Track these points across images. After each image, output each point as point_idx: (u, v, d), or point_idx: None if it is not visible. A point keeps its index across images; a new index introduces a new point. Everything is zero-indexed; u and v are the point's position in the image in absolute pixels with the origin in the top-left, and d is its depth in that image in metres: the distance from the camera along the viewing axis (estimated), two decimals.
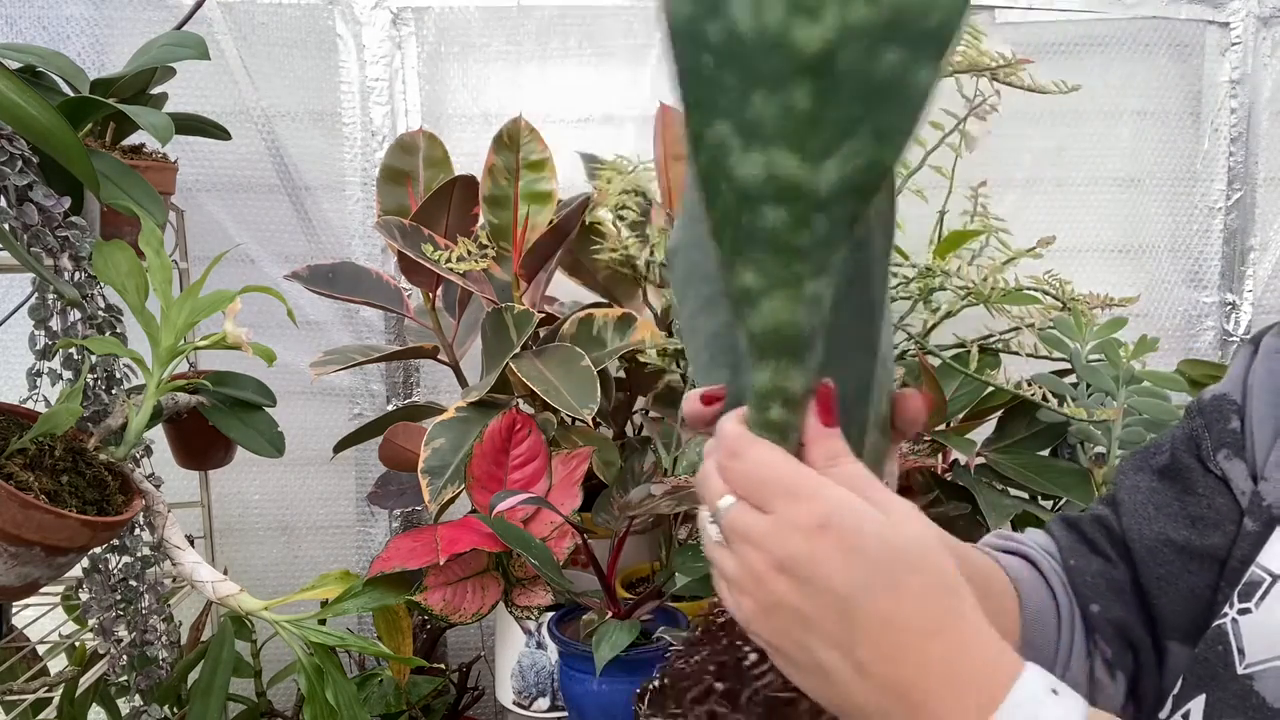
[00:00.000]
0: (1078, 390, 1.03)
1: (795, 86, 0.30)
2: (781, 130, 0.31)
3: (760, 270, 0.35)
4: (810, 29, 0.29)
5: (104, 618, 0.86)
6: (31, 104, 0.78)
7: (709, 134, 0.32)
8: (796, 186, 0.32)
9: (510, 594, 1.00)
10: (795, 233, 0.33)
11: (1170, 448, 0.59)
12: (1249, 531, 0.52)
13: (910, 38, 0.30)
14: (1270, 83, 1.44)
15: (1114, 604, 0.57)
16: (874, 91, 0.31)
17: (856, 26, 0.30)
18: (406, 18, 1.36)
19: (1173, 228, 1.48)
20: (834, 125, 0.31)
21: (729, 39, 0.30)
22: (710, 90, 0.31)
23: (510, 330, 1.06)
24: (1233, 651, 0.49)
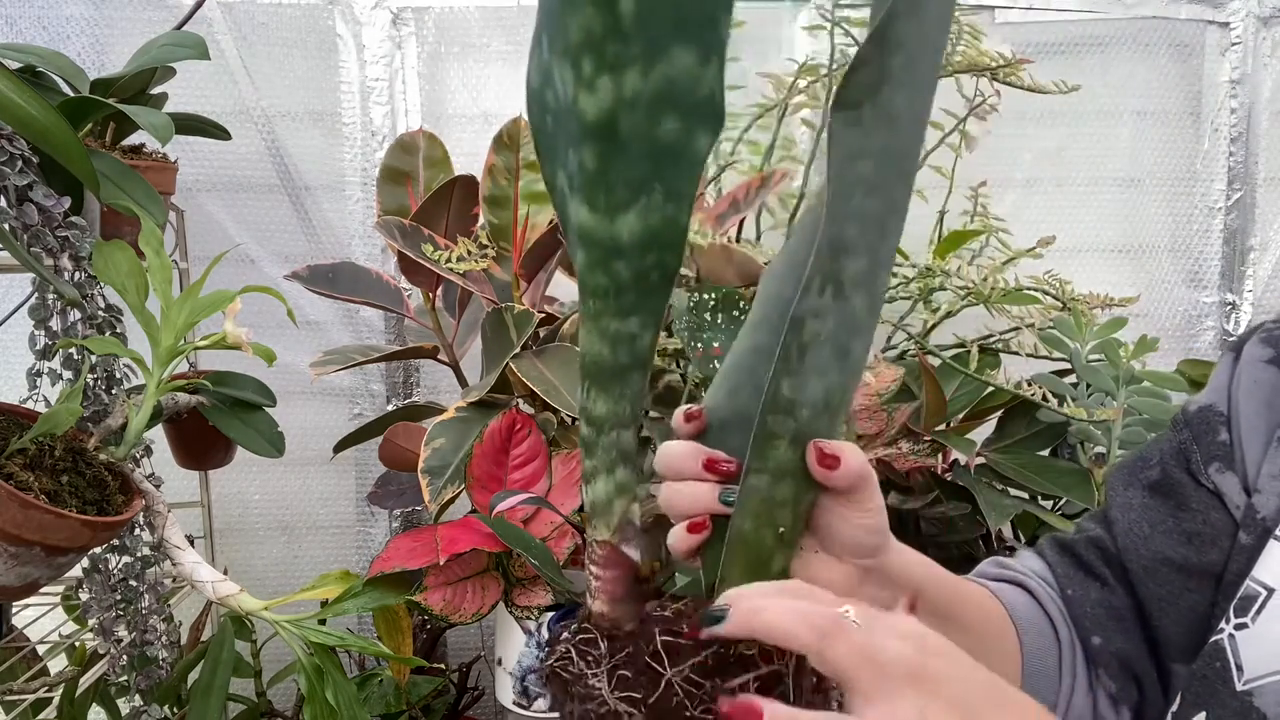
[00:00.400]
0: (1078, 390, 1.04)
1: (585, 147, 0.34)
2: (580, 184, 0.35)
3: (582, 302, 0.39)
4: (588, 98, 0.33)
5: (104, 618, 0.86)
6: (31, 104, 0.78)
7: (555, 180, 0.37)
8: (591, 233, 0.36)
9: (510, 594, 1.00)
10: (593, 273, 0.37)
11: (1159, 462, 0.58)
12: (1244, 545, 0.52)
13: (685, 107, 0.34)
14: (1270, 83, 1.44)
15: (1115, 635, 0.56)
16: (659, 154, 0.34)
17: (630, 97, 0.33)
18: (406, 18, 1.36)
19: (1173, 228, 1.48)
20: (624, 183, 0.35)
21: (556, 104, 0.35)
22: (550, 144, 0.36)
23: (510, 330, 1.06)
24: (1231, 668, 0.49)
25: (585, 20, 0.32)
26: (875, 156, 0.38)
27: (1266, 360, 0.55)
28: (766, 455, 0.41)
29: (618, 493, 0.42)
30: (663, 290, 0.38)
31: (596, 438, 0.41)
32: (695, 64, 0.33)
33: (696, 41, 0.33)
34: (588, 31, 0.32)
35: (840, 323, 0.40)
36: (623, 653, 0.40)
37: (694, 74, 0.33)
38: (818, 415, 0.41)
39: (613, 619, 0.42)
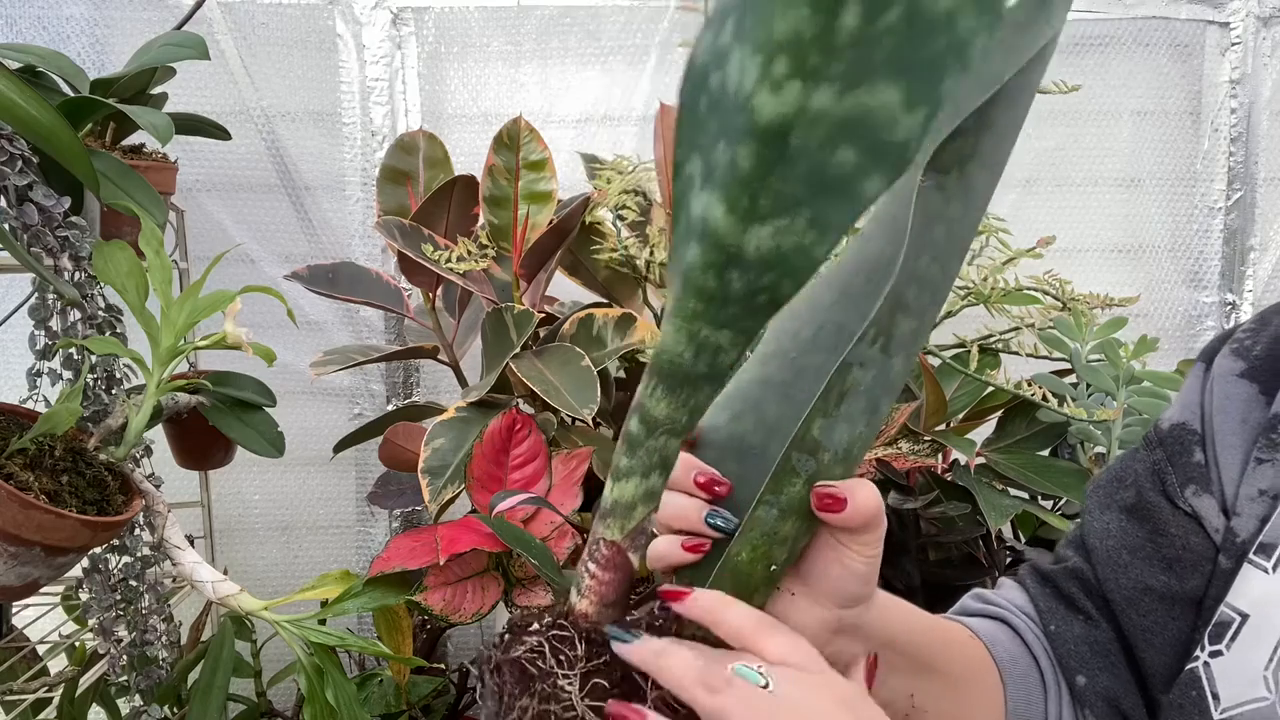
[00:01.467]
0: (1078, 390, 1.03)
1: (745, 146, 0.32)
2: (722, 180, 0.33)
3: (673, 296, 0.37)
4: (769, 99, 0.31)
5: (104, 618, 0.86)
6: (31, 104, 0.78)
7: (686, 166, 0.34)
8: (718, 234, 0.34)
9: (510, 594, 1.00)
10: (704, 274, 0.35)
11: (1135, 483, 0.56)
12: (1223, 569, 0.50)
13: (869, 143, 0.31)
14: (1270, 83, 1.44)
15: (1100, 673, 0.54)
16: (822, 181, 0.32)
17: (814, 112, 0.31)
18: (406, 18, 1.36)
19: (1173, 228, 1.48)
20: (772, 196, 0.33)
21: (720, 89, 0.32)
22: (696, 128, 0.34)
23: (510, 330, 1.06)
24: (1207, 697, 0.48)
25: (797, 21, 0.30)
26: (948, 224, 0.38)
27: (1238, 374, 0.53)
28: (781, 490, 0.40)
29: (645, 498, 0.41)
30: (765, 314, 0.36)
31: (645, 438, 0.39)
32: (899, 105, 0.30)
33: (909, 83, 0.30)
34: (796, 33, 0.30)
35: (878, 377, 0.40)
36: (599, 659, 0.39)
37: (893, 115, 0.30)
38: (836, 462, 0.41)
39: (594, 622, 0.41)
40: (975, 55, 0.29)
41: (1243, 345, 0.54)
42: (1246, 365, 0.53)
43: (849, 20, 0.29)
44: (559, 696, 0.38)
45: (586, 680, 0.38)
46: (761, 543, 0.41)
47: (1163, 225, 1.48)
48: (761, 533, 0.41)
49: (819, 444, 0.40)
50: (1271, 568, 0.47)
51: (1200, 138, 1.45)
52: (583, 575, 0.42)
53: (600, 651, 0.39)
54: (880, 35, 0.30)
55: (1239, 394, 0.52)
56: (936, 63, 0.30)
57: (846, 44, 0.30)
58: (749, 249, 0.34)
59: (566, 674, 0.38)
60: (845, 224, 0.33)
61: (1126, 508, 0.56)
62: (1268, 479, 0.50)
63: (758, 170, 0.32)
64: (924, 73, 0.30)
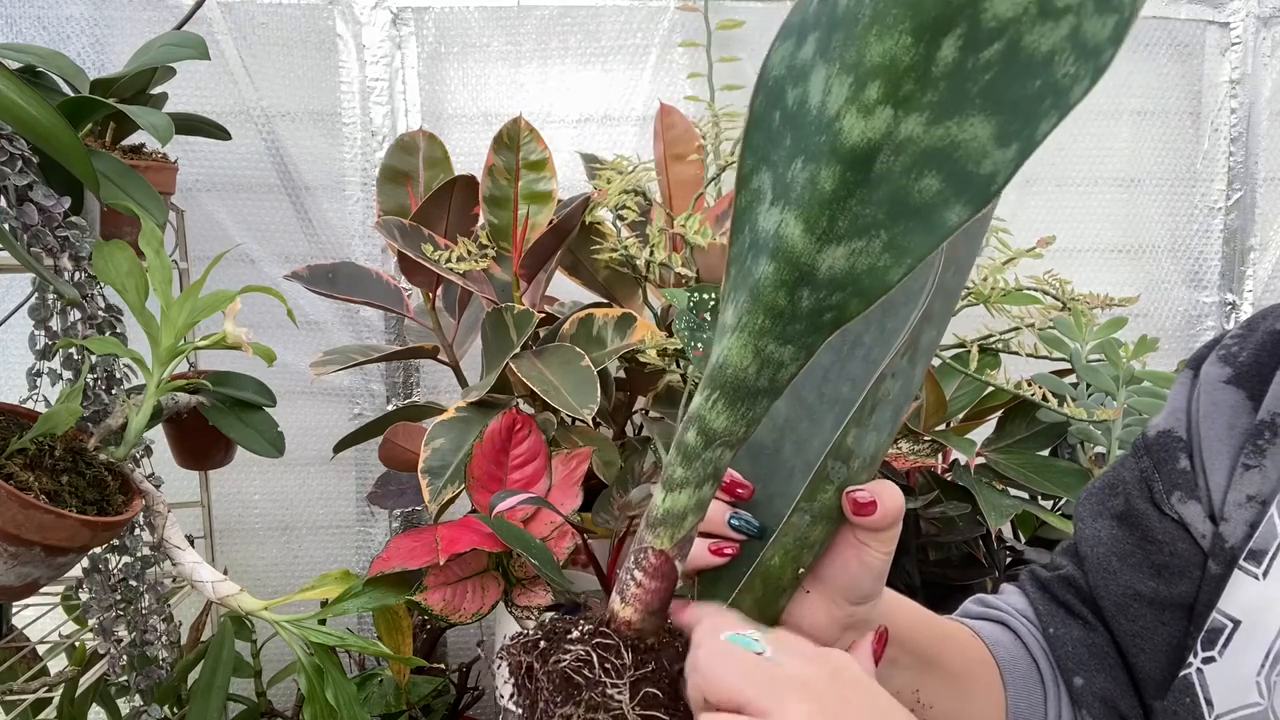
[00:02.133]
0: (1078, 390, 1.03)
1: (826, 167, 0.32)
2: (800, 199, 0.33)
3: (737, 310, 0.36)
4: (859, 122, 0.31)
5: (104, 618, 0.86)
6: (31, 104, 0.78)
7: (753, 179, 0.34)
8: (793, 252, 0.34)
9: (510, 594, 1.00)
10: (775, 291, 0.35)
11: (1124, 491, 0.56)
12: (1212, 575, 0.50)
13: (955, 174, 0.31)
14: (1270, 83, 1.44)
15: (1098, 674, 0.55)
16: (902, 207, 0.32)
17: (902, 139, 0.31)
18: (406, 18, 1.36)
19: (1173, 228, 1.48)
20: (851, 217, 0.33)
21: (798, 106, 0.32)
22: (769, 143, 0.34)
23: (510, 330, 1.06)
24: (1201, 703, 0.48)
25: (895, 48, 0.30)
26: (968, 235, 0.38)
27: (1225, 380, 0.53)
28: (815, 497, 0.41)
29: (695, 508, 0.41)
30: (828, 331, 0.36)
31: (702, 450, 0.39)
32: (990, 140, 0.30)
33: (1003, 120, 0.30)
34: (893, 59, 0.30)
35: (903, 387, 0.41)
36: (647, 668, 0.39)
37: (983, 149, 0.30)
38: (864, 468, 0.42)
39: (639, 630, 0.41)
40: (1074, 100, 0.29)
41: (1230, 352, 0.54)
42: (1233, 372, 0.53)
43: (947, 51, 0.30)
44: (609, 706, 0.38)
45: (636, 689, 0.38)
46: (793, 547, 0.42)
47: (1163, 225, 1.48)
48: (794, 538, 0.42)
49: (852, 452, 0.41)
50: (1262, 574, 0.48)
51: (1200, 138, 1.45)
52: (628, 584, 0.41)
53: (646, 660, 0.39)
54: (977, 69, 0.30)
55: (1226, 400, 0.53)
56: (1033, 102, 0.29)
57: (942, 75, 0.30)
58: (822, 268, 0.34)
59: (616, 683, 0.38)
60: (923, 251, 0.32)
61: (1116, 515, 0.56)
62: (1255, 485, 0.50)
63: (839, 192, 0.32)
64: (1019, 111, 0.30)
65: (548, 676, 0.39)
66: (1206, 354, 0.55)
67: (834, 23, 0.31)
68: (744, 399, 0.38)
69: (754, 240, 0.35)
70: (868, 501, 0.41)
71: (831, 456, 0.41)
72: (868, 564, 0.43)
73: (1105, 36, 0.28)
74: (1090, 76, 0.29)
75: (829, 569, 0.43)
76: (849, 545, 0.43)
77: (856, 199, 0.32)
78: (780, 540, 0.41)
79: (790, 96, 0.33)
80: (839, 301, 0.35)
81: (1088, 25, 0.28)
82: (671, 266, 1.11)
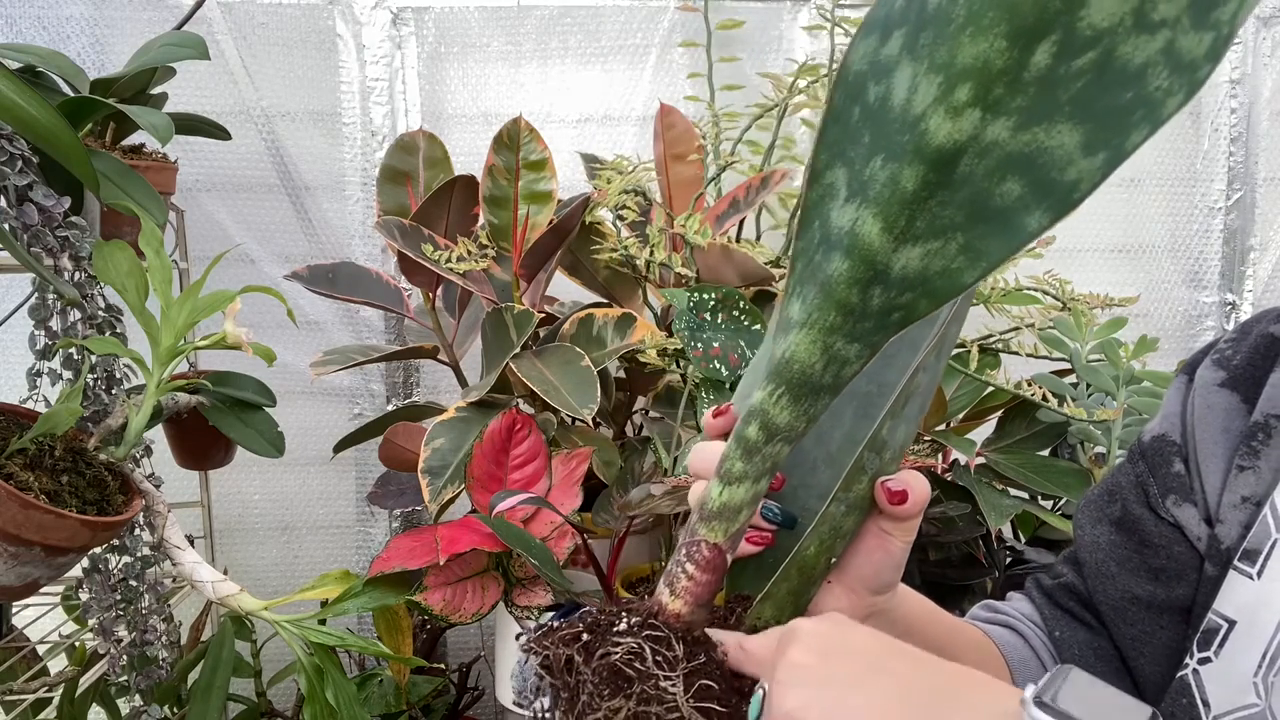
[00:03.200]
0: (1078, 390, 1.03)
1: (909, 166, 0.32)
2: (879, 197, 0.33)
3: (805, 305, 0.36)
4: (945, 123, 0.31)
5: (104, 618, 0.86)
6: (31, 104, 0.78)
7: (827, 175, 0.34)
8: (869, 250, 0.34)
9: (510, 594, 1.00)
10: (848, 288, 0.35)
11: (1121, 497, 0.56)
12: (1209, 576, 0.51)
13: (1038, 180, 0.31)
14: (1270, 83, 1.44)
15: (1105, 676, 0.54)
16: (982, 210, 0.32)
17: (987, 142, 0.31)
18: (406, 18, 1.36)
19: (1173, 228, 1.48)
20: (930, 218, 0.33)
21: (880, 103, 0.32)
22: (845, 139, 0.33)
23: (510, 330, 1.06)
24: (1197, 704, 0.48)
25: (989, 51, 0.30)
26: None
27: (1219, 384, 0.53)
28: (851, 487, 0.42)
29: (750, 502, 0.41)
30: (894, 330, 0.36)
31: (763, 445, 0.39)
32: (1077, 148, 0.30)
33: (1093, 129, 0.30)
34: (985, 61, 0.30)
35: (929, 381, 0.42)
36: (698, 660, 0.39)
37: (1069, 156, 0.30)
38: (894, 458, 0.43)
39: (688, 623, 0.41)
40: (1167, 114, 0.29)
41: (1223, 356, 0.54)
42: (1227, 375, 0.53)
43: (1040, 57, 0.29)
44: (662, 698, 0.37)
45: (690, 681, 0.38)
46: (828, 537, 0.42)
47: (1163, 225, 1.48)
48: (830, 527, 0.42)
49: (885, 443, 0.42)
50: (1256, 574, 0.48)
51: (1200, 138, 1.45)
52: (679, 576, 0.41)
53: (697, 652, 0.39)
54: (1069, 77, 0.30)
55: (1220, 403, 0.53)
56: (1124, 113, 0.29)
57: (1033, 80, 0.30)
58: (895, 268, 0.34)
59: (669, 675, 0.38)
60: (1001, 256, 0.32)
61: (1114, 521, 0.57)
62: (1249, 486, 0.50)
63: (920, 192, 0.32)
64: (1110, 121, 0.30)
65: (594, 670, 0.39)
66: (1201, 359, 0.56)
67: (923, 21, 0.31)
68: (808, 395, 0.38)
69: (825, 236, 0.35)
70: (900, 490, 0.42)
71: (868, 448, 0.41)
72: (891, 554, 0.44)
73: (1201, 53, 0.28)
74: (1185, 91, 0.29)
75: (853, 559, 0.44)
76: (873, 535, 0.44)
77: (937, 200, 0.32)
78: (817, 530, 0.42)
79: (872, 93, 0.32)
80: (909, 301, 0.35)
81: (1183, 41, 0.28)
82: (671, 266, 1.11)
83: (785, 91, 1.22)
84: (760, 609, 0.42)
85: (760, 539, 0.44)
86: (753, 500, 0.41)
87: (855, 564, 0.44)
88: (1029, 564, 1.10)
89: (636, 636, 0.39)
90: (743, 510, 0.41)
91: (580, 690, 0.39)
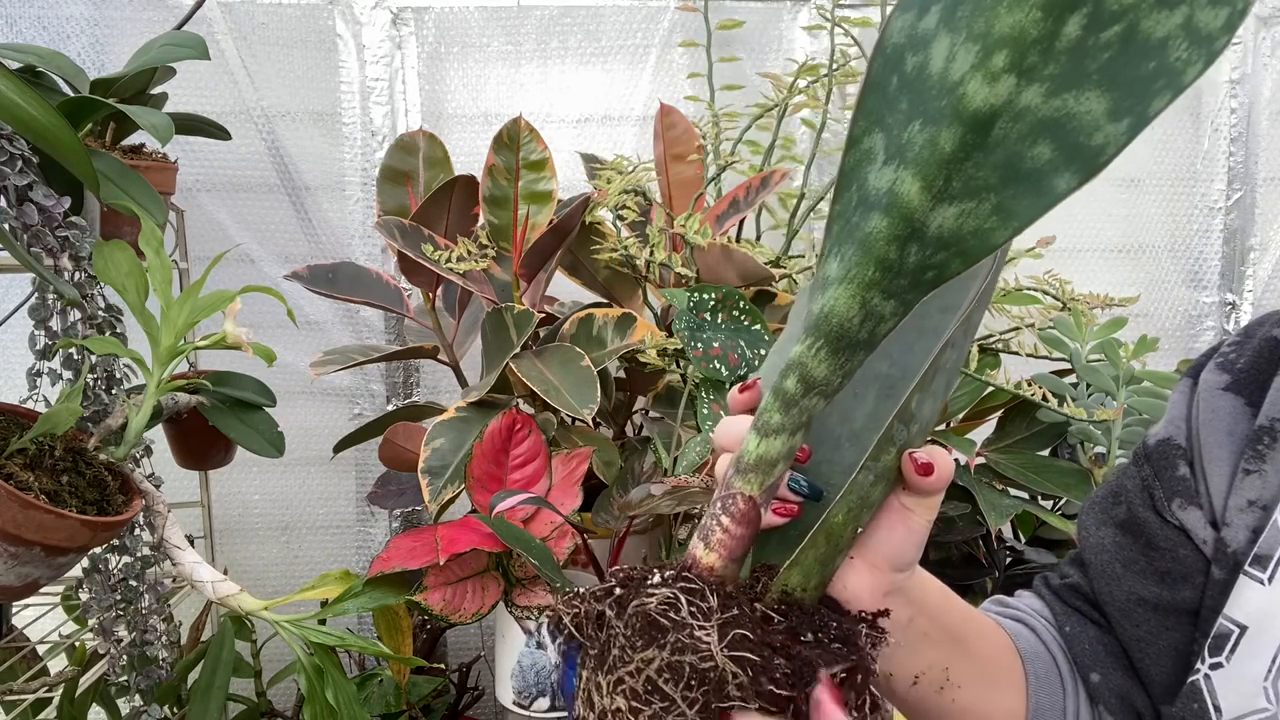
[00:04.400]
0: (1078, 390, 1.03)
1: (947, 129, 0.34)
2: (918, 159, 0.35)
3: (843, 262, 0.38)
4: (982, 88, 0.33)
5: (104, 618, 0.86)
6: (31, 104, 0.78)
7: (865, 140, 0.36)
8: (908, 209, 0.35)
9: (510, 594, 1.00)
10: (887, 245, 0.36)
11: (1126, 499, 0.57)
12: (1216, 580, 0.51)
13: (1067, 144, 0.33)
14: (1270, 83, 1.44)
15: (1114, 671, 0.56)
16: (1014, 172, 0.34)
17: (1021, 107, 0.33)
18: (406, 18, 1.36)
19: (1173, 228, 1.48)
20: (965, 178, 0.35)
21: (917, 72, 0.34)
22: (883, 106, 0.35)
23: (510, 330, 1.06)
24: (1209, 709, 0.48)
25: (1025, 21, 0.32)
26: None
27: (1223, 387, 0.53)
28: (880, 457, 0.43)
29: (785, 457, 0.41)
30: (927, 289, 0.37)
31: (800, 397, 0.40)
32: (1104, 114, 0.33)
33: (1119, 96, 0.32)
34: (1020, 30, 0.32)
35: (956, 358, 0.43)
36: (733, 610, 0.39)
37: (1096, 121, 0.33)
38: (920, 432, 0.44)
39: (720, 576, 0.41)
40: (1187, 81, 0.32)
41: (1227, 359, 0.54)
42: (1231, 378, 0.53)
43: (1071, 28, 0.32)
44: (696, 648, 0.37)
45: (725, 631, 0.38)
46: (856, 506, 0.43)
47: (1163, 225, 1.48)
48: (858, 496, 0.43)
49: (914, 415, 0.43)
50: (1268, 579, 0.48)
51: (1200, 138, 1.45)
52: (713, 529, 0.41)
53: (729, 604, 0.39)
54: (1098, 48, 0.32)
55: (1225, 407, 0.53)
56: (1148, 81, 0.32)
57: (1064, 50, 0.32)
58: (932, 226, 0.36)
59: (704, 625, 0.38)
60: (1031, 215, 0.35)
61: (1119, 523, 0.57)
62: (1256, 490, 0.50)
63: (957, 153, 0.34)
64: (1134, 89, 0.32)
65: (626, 621, 0.39)
66: (1205, 362, 0.56)
67: None
68: (845, 349, 0.39)
69: (863, 198, 0.36)
70: (926, 462, 0.43)
71: (897, 419, 0.42)
72: (913, 530, 0.44)
73: (1217, 26, 0.31)
74: (1203, 61, 0.31)
75: (875, 535, 0.45)
76: (895, 511, 0.44)
77: (972, 162, 0.34)
78: (845, 498, 0.42)
79: (910, 62, 0.34)
80: (942, 260, 0.36)
81: (1200, 15, 0.31)
82: (671, 266, 1.11)
83: (785, 91, 1.22)
84: (787, 575, 0.42)
85: (786, 510, 0.44)
86: (787, 455, 0.41)
87: (877, 539, 0.45)
88: (1029, 564, 1.10)
89: (671, 587, 0.39)
90: (778, 464, 0.41)
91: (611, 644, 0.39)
